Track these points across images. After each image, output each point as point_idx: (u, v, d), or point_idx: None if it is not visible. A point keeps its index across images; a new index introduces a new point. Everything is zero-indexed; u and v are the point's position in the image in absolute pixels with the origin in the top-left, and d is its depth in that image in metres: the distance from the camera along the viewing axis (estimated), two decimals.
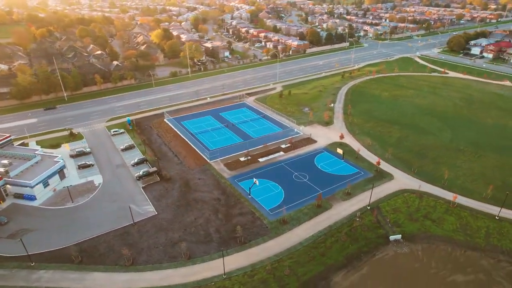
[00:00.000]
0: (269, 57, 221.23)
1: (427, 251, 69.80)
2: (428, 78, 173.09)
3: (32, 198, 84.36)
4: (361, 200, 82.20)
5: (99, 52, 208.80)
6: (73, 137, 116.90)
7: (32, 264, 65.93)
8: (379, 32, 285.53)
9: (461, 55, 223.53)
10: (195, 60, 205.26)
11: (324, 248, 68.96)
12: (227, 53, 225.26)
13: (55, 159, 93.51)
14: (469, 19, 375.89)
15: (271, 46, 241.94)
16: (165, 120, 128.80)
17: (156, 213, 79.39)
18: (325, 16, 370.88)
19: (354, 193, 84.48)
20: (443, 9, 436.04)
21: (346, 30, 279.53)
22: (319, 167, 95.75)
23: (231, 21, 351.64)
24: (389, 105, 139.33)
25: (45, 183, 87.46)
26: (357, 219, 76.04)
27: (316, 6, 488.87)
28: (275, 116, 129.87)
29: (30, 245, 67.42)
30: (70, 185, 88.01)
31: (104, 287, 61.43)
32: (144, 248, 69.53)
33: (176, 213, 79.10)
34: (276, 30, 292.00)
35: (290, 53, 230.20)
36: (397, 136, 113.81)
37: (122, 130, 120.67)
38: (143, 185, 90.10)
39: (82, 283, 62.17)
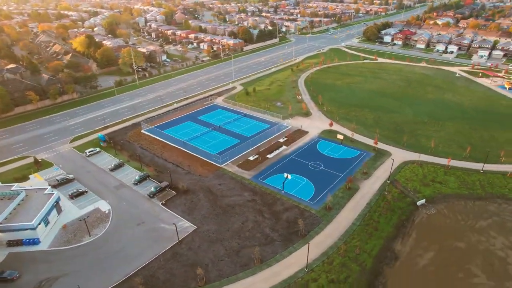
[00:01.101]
0: (209, 57, 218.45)
1: (449, 208, 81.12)
2: (364, 65, 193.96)
3: (35, 241, 70.38)
4: (379, 177, 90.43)
5: (12, 65, 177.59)
6: (38, 165, 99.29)
7: None
8: (301, 27, 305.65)
9: (377, 43, 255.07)
10: (135, 67, 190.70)
11: (375, 223, 74.59)
12: (164, 57, 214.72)
13: (45, 192, 78.90)
14: (364, 12, 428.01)
15: (205, 46, 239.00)
16: (143, 131, 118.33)
17: (196, 226, 74.32)
18: (243, 15, 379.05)
19: (370, 172, 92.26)
20: (339, 4, 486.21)
21: (270, 27, 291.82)
22: (325, 154, 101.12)
23: (149, 23, 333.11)
24: (347, 92, 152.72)
25: (46, 221, 73.69)
26: (386, 193, 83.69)
27: (225, 5, 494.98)
28: (255, 113, 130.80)
29: None
30: (81, 218, 75.50)
31: None
32: (209, 263, 65.05)
33: (219, 222, 75.32)
34: (202, 30, 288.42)
35: (228, 52, 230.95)
36: (372, 117, 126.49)
37: (97, 149, 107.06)
38: (162, 202, 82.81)
39: None
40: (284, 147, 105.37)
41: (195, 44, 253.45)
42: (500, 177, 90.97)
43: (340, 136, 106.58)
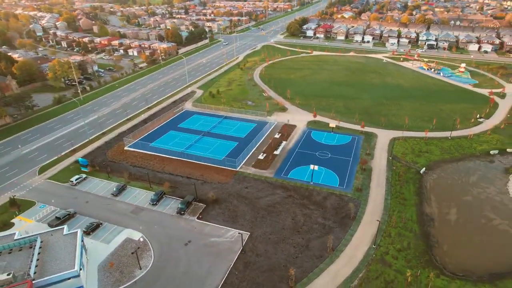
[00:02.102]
0: (146, 63, 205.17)
1: (443, 171, 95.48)
2: (305, 59, 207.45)
3: None
4: (380, 155, 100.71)
5: None
6: (16, 206, 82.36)
7: None
8: (225, 27, 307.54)
9: (301, 37, 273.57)
10: (67, 80, 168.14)
11: (401, 195, 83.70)
12: (95, 67, 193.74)
13: (65, 233, 66.80)
14: (272, 9, 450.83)
15: (135, 53, 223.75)
16: (126, 148, 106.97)
17: (249, 233, 72.57)
18: (157, 17, 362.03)
19: (371, 152, 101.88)
20: (246, 3, 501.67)
21: (192, 29, 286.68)
22: (324, 143, 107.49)
23: (52, 31, 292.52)
24: (305, 85, 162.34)
25: (81, 265, 62.92)
26: (394, 168, 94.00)
27: (128, 8, 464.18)
28: (234, 114, 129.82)
29: None
30: (132, 251, 66.30)
31: None
32: (286, 264, 64.73)
33: (269, 223, 74.81)
34: (122, 36, 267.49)
35: (164, 56, 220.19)
36: (341, 105, 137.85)
37: (84, 176, 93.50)
38: (197, 216, 77.98)
39: None
40: (284, 142, 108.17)
41: (121, 51, 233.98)
42: (465, 140, 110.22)
43: (332, 124, 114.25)
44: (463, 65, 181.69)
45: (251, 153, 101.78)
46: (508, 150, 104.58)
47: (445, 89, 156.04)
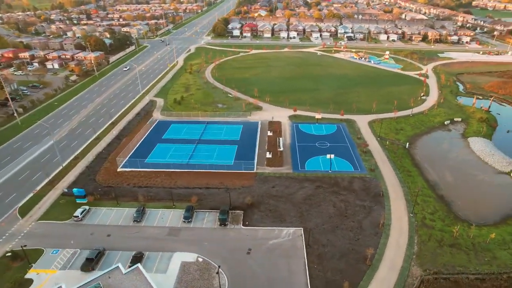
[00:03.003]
0: (77, 76, 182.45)
1: (423, 143, 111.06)
2: (248, 57, 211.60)
3: None
4: (368, 137, 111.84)
5: None
6: (21, 259, 68.01)
7: None
8: (146, 31, 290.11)
9: (228, 37, 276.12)
10: None
11: (404, 168, 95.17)
12: (14, 85, 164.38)
13: (125, 272, 58.39)
14: (182, 11, 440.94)
15: (56, 65, 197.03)
16: (120, 169, 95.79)
17: (302, 228, 74.24)
18: (61, 25, 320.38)
19: (360, 135, 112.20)
20: (152, 5, 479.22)
21: (108, 35, 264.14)
22: (316, 134, 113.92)
23: None
24: (264, 82, 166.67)
25: None
26: (387, 146, 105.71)
27: (10, 14, 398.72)
28: (213, 118, 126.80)
29: None
30: (217, 271, 61.01)
31: None
32: (353, 247, 68.70)
33: (317, 215, 77.49)
34: (26, 46, 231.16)
35: (95, 66, 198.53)
36: (308, 98, 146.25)
37: (87, 207, 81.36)
38: (244, 223, 76.09)
39: None
40: (281, 138, 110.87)
41: (36, 64, 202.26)
42: (422, 116, 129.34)
43: (318, 116, 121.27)
44: (387, 52, 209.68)
45: (257, 153, 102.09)
46: (455, 119, 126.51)
47: (383, 75, 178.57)
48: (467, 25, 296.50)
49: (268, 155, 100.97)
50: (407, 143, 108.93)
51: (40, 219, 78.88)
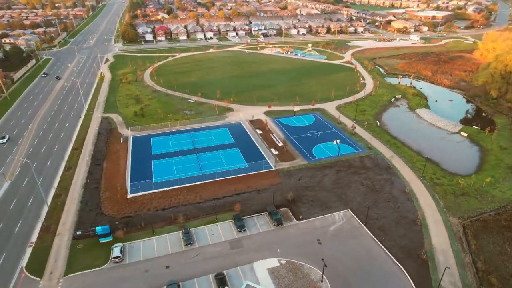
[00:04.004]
0: None
1: (385, 120, 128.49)
2: (182, 61, 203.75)
3: None
4: (347, 121, 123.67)
5: None
6: None
7: None
8: (40, 42, 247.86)
9: (142, 42, 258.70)
10: None
11: (390, 142, 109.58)
12: None
13: None
14: (65, 16, 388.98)
15: None
16: (130, 195, 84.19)
17: (348, 209, 80.00)
18: None
19: (340, 120, 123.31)
20: (36, 11, 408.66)
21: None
22: (301, 125, 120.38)
23: None
24: (214, 84, 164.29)
25: None
26: (366, 125, 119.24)
27: None
28: (195, 125, 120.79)
29: None
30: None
31: None
32: (399, 215, 77.78)
33: (352, 196, 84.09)
34: None
35: None
36: (269, 93, 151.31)
37: (120, 244, 70.35)
38: (299, 217, 77.56)
39: None
40: (273, 134, 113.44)
41: None
42: (372, 97, 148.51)
43: (296, 109, 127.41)
44: (309, 45, 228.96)
45: (262, 151, 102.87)
46: (396, 96, 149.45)
47: (317, 65, 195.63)
48: (352, 18, 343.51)
49: (275, 151, 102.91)
50: (377, 121, 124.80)
51: (67, 274, 65.12)
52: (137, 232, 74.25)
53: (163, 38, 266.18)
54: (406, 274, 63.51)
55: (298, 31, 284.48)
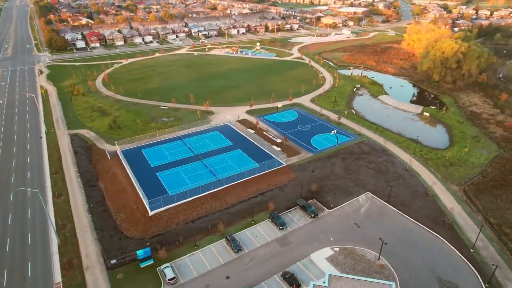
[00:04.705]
0: None
1: (353, 108, 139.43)
2: (132, 67, 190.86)
3: None
4: (327, 113, 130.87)
5: None
6: None
7: None
8: None
9: (75, 50, 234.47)
10: None
11: (370, 126, 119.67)
12: None
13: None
14: None
15: None
16: (152, 213, 77.78)
17: (367, 191, 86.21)
18: None
19: (322, 113, 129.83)
20: None
21: None
22: (288, 121, 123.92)
23: None
24: (179, 88, 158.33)
25: None
26: (346, 113, 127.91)
27: None
28: (183, 132, 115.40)
29: None
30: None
31: None
32: (410, 189, 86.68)
33: (367, 180, 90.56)
34: None
35: None
36: (239, 93, 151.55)
37: (167, 265, 65.50)
38: (329, 206, 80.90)
39: None
40: (266, 132, 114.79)
41: None
42: (336, 88, 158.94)
43: (279, 105, 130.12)
44: (258, 44, 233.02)
45: (266, 149, 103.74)
46: (356, 86, 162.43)
47: (272, 63, 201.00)
48: (282, 16, 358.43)
49: (277, 148, 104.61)
50: (352, 110, 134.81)
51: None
52: (177, 249, 69.80)
53: (98, 44, 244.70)
54: (442, 238, 71.63)
55: (238, 31, 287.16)
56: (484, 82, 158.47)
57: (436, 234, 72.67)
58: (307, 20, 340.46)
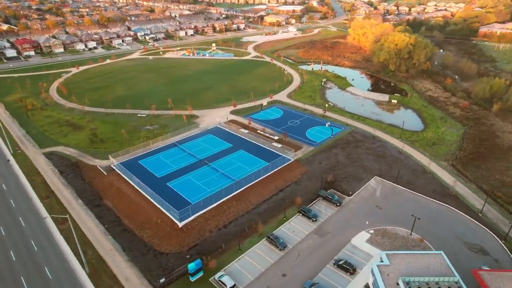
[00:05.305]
0: None
1: (331, 97, 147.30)
2: (86, 75, 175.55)
3: None
4: (310, 108, 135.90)
5: None
6: None
7: None
8: None
9: (4, 60, 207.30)
10: None
11: (351, 116, 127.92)
12: None
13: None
14: None
15: None
16: (181, 224, 73.83)
17: (375, 176, 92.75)
18: None
19: (305, 108, 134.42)
20: None
21: None
22: (274, 118, 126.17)
23: None
24: (150, 94, 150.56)
25: None
26: (327, 106, 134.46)
27: None
28: (177, 138, 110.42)
29: None
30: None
31: None
32: (415, 167, 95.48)
33: (371, 165, 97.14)
34: None
35: None
36: (216, 94, 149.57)
37: (222, 274, 63.59)
38: (348, 194, 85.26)
39: None
40: (262, 131, 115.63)
41: None
42: (307, 83, 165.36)
43: (265, 103, 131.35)
44: (213, 45, 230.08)
45: (269, 147, 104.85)
46: (323, 80, 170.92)
47: (234, 63, 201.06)
48: (222, 16, 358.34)
49: (278, 145, 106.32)
50: (329, 103, 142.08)
51: None
52: (221, 257, 67.88)
53: (33, 53, 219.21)
54: (455, 208, 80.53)
55: (186, 33, 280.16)
56: (429, 70, 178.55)
57: (447, 205, 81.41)
58: (250, 20, 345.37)
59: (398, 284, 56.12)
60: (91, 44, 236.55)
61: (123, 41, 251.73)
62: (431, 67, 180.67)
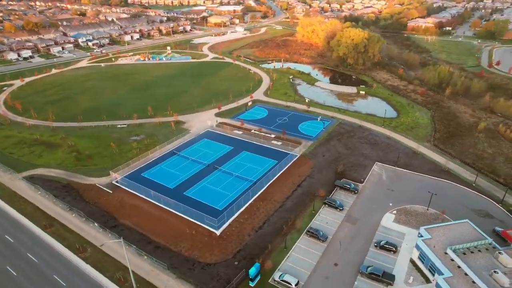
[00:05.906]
0: None
1: (304, 93, 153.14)
2: (37, 87, 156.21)
3: None
4: (294, 105, 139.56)
5: None
6: None
7: None
8: None
9: None
10: None
11: (333, 110, 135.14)
12: None
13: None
14: None
15: None
16: (219, 232, 71.41)
17: (376, 162, 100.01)
18: None
19: (289, 105, 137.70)
20: None
21: None
22: (261, 117, 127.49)
23: None
24: (119, 102, 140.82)
25: None
26: (308, 102, 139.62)
27: None
28: (173, 145, 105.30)
29: None
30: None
31: None
32: (417, 157, 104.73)
33: (370, 152, 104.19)
34: None
35: None
36: (192, 98, 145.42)
37: (283, 274, 63.61)
38: (360, 180, 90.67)
39: None
40: (256, 130, 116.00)
41: None
42: (278, 81, 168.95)
43: (250, 103, 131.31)
44: (168, 48, 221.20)
45: (271, 146, 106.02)
46: (290, 77, 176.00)
47: (197, 65, 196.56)
48: (165, 19, 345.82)
49: (277, 142, 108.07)
50: (306, 98, 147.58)
51: None
52: (270, 257, 67.84)
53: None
54: (454, 182, 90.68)
55: (132, 37, 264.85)
56: (381, 62, 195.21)
57: (446, 180, 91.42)
58: (194, 21, 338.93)
59: (446, 253, 62.40)
60: (26, 53, 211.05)
61: (63, 48, 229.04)
62: (381, 59, 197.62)
